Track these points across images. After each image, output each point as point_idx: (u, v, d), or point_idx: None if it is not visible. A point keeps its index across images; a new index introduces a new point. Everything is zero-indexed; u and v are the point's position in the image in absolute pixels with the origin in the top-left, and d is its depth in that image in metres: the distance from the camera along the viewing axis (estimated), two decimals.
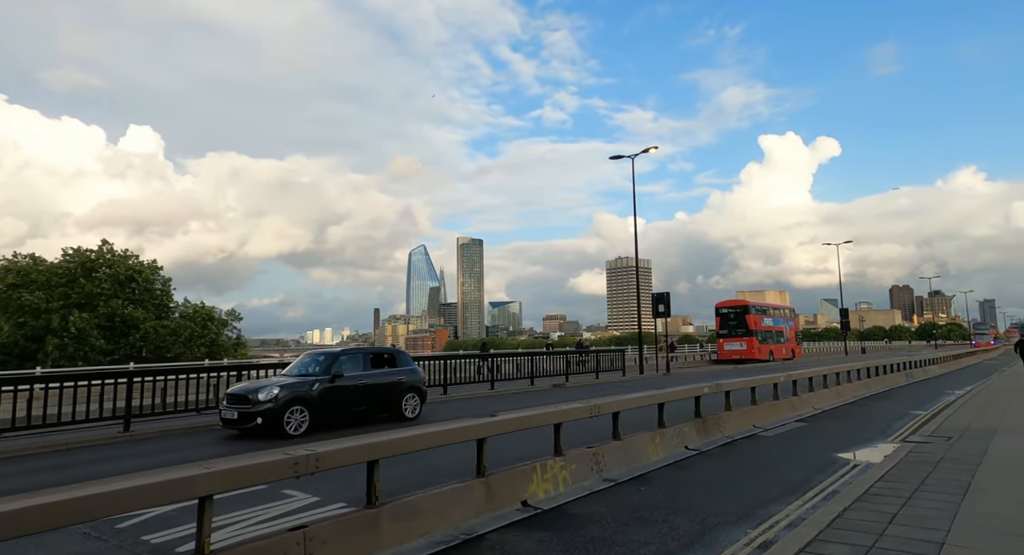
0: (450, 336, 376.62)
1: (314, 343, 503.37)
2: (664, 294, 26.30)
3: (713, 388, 9.89)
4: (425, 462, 7.49)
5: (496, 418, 5.77)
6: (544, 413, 6.31)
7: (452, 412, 13.48)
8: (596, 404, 7.13)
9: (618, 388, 19.65)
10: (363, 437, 4.65)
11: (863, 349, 66.41)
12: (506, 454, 7.68)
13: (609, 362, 24.45)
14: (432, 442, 5.10)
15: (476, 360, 18.94)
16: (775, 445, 9.46)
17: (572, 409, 6.73)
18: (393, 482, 6.57)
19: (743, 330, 38.74)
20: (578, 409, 6.85)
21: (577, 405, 6.93)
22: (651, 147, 26.32)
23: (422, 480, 6.39)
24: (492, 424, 5.60)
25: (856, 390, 16.84)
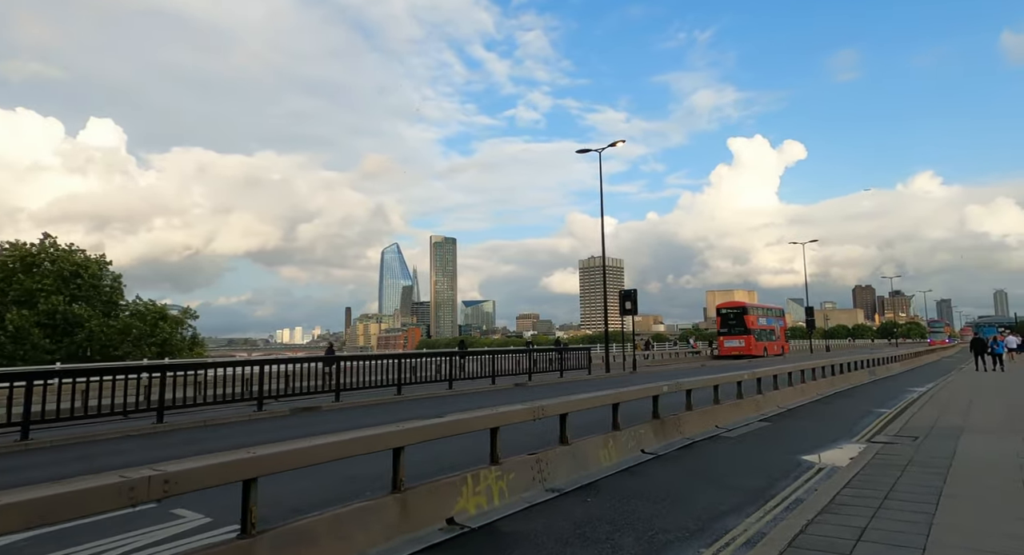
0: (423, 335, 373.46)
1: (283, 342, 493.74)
2: (631, 291, 25.84)
3: (673, 387, 9.29)
4: (351, 472, 6.66)
5: (415, 424, 5.00)
6: (475, 417, 5.56)
7: (397, 413, 12.64)
8: (541, 406, 6.42)
9: (581, 387, 19.06)
10: (237, 452, 3.82)
11: (827, 347, 67.52)
12: (439, 462, 6.95)
13: (575, 360, 23.87)
14: (332, 454, 4.30)
15: (436, 358, 18.10)
16: (737, 447, 8.91)
17: (511, 412, 5.99)
18: (302, 497, 5.77)
19: (741, 329, 42.19)
20: (518, 411, 6.12)
21: (518, 407, 6.20)
22: (618, 141, 25.86)
23: (341, 494, 5.59)
24: (409, 431, 4.83)
25: (821, 388, 16.56)
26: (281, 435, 9.95)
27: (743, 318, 42.84)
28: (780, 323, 50.22)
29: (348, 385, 14.81)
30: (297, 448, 4.06)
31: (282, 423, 11.93)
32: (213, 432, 10.96)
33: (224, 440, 9.68)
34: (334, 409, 13.77)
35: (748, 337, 42.21)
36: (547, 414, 6.50)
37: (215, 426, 11.66)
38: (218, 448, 6.53)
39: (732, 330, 42.92)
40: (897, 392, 17.51)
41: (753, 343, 42.16)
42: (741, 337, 42.31)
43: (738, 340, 42.35)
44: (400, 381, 16.07)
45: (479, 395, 16.88)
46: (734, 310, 44.47)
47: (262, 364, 12.97)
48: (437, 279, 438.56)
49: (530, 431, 7.63)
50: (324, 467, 4.82)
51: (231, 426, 11.67)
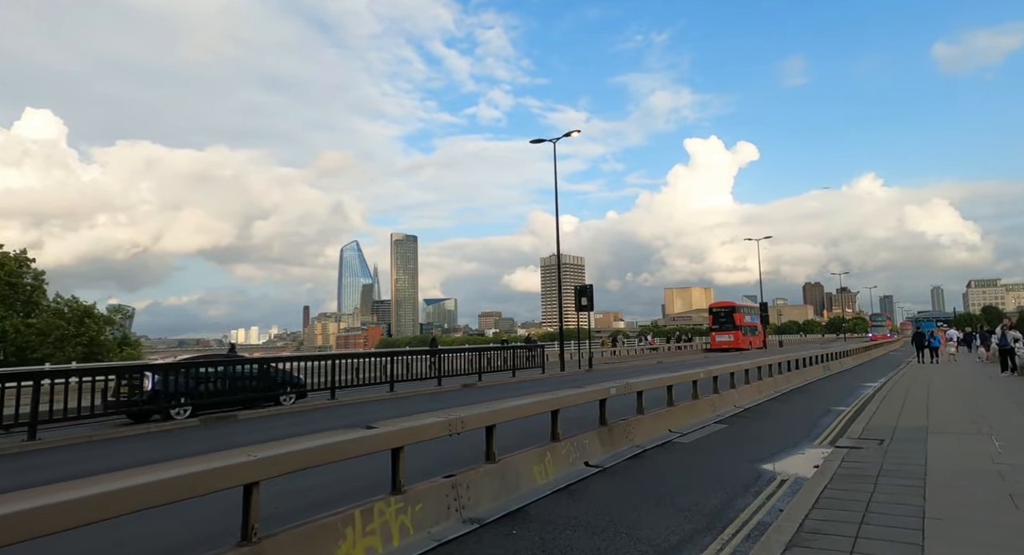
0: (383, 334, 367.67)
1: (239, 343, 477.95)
2: (587, 287, 25.04)
3: (622, 389, 8.34)
4: (187, 518, 5.29)
5: (278, 450, 3.80)
6: (367, 437, 4.39)
7: (313, 424, 11.31)
8: (460, 417, 5.30)
9: (532, 387, 18.09)
10: None
11: (780, 342, 68.92)
12: (324, 493, 5.79)
13: (529, 359, 22.90)
14: (142, 501, 3.06)
15: (376, 359, 16.75)
16: (691, 455, 8.02)
17: (419, 427, 4.86)
18: None
19: (731, 325, 47.55)
20: (429, 426, 4.99)
21: (429, 420, 5.07)
22: (573, 131, 25.02)
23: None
24: (267, 462, 3.63)
25: (778, 384, 16.04)
26: (135, 459, 8.52)
27: (732, 316, 48.12)
28: (759, 319, 55.03)
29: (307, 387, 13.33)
30: (81, 497, 2.79)
31: (162, 441, 10.29)
32: (87, 451, 9.38)
33: (90, 463, 8.22)
34: (251, 419, 12.31)
35: (736, 332, 47.25)
36: (468, 427, 5.40)
37: (101, 441, 10.10)
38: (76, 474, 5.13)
39: (723, 326, 47.90)
40: (852, 388, 17.20)
41: (741, 338, 47.21)
42: (730, 332, 47.22)
43: (728, 335, 47.19)
44: (334, 385, 14.70)
45: (422, 397, 15.68)
46: (724, 309, 49.67)
47: (166, 369, 11.39)
48: (398, 277, 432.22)
49: (458, 446, 6.53)
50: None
51: (111, 443, 10.05)
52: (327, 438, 4.12)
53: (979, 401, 12.13)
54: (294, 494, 5.92)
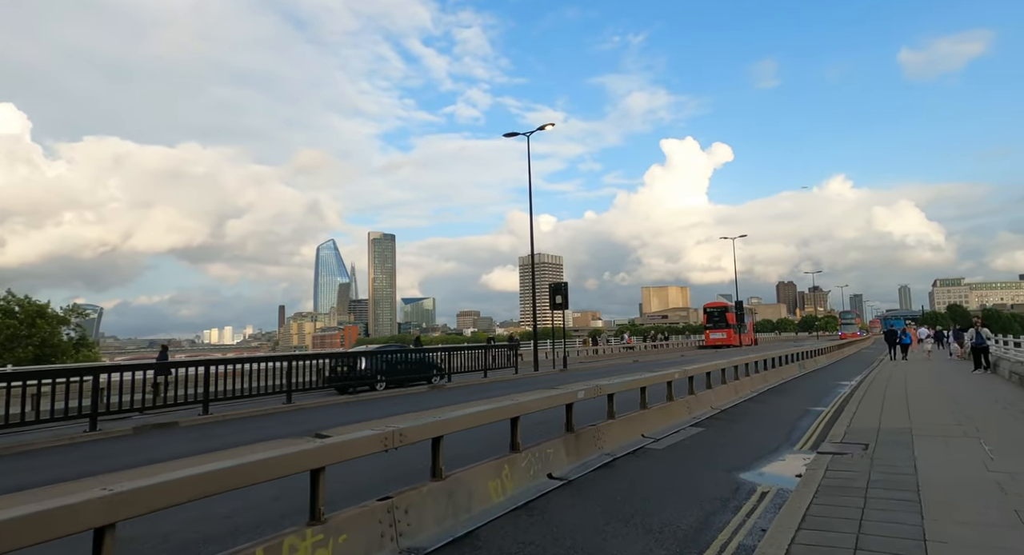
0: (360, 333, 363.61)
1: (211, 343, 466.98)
2: (562, 284, 24.43)
3: (591, 392, 7.67)
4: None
5: (138, 481, 3.01)
6: (271, 459, 3.62)
7: (245, 435, 10.45)
8: (398, 429, 4.56)
9: (505, 388, 17.38)
10: None
11: (755, 340, 69.37)
12: (227, 524, 5.02)
13: (501, 358, 22.19)
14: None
15: (335, 360, 15.86)
16: (665, 464, 7.40)
17: (341, 444, 4.09)
18: None
19: (724, 324, 50.61)
20: (358, 441, 4.23)
21: (359, 435, 4.31)
22: (547, 124, 24.35)
23: None
24: (120, 498, 2.84)
25: (755, 384, 15.62)
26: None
27: (725, 315, 51.33)
28: (750, 319, 59.13)
29: (221, 395, 12.38)
30: None
31: (97, 450, 9.44)
32: None
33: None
34: (195, 425, 11.35)
35: (729, 330, 50.36)
36: (409, 440, 4.65)
37: None
38: None
39: (716, 325, 51.03)
40: (829, 387, 16.88)
41: (733, 335, 50.37)
42: (723, 330, 50.36)
43: (721, 333, 50.31)
44: (289, 388, 13.79)
45: (383, 401, 14.86)
46: (718, 309, 53.22)
47: (95, 372, 10.36)
48: (376, 276, 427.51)
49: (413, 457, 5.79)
50: None
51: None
52: (210, 464, 3.33)
53: (959, 401, 11.80)
54: (207, 522, 5.12)
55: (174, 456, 5.31)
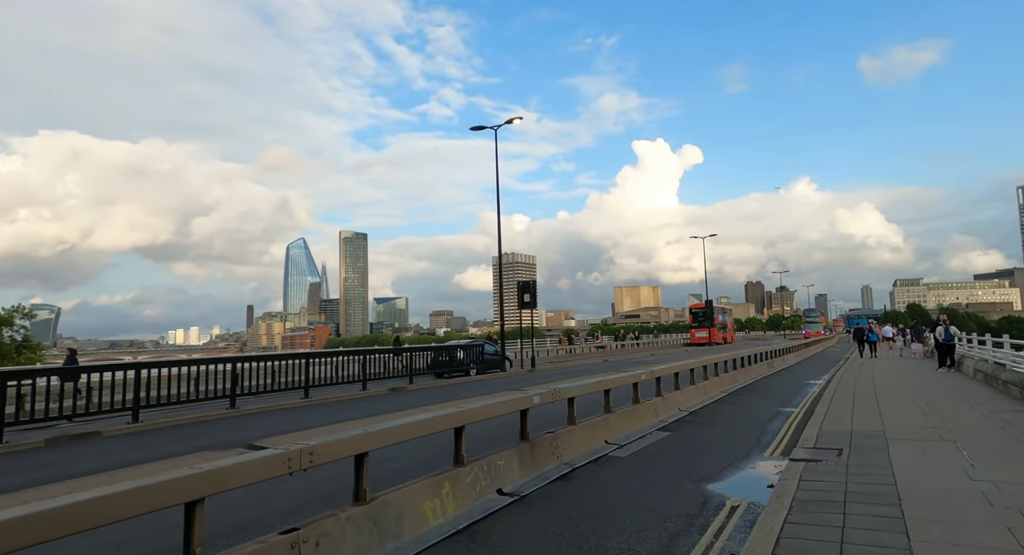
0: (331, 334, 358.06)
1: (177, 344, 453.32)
2: (530, 283, 23.83)
3: (548, 396, 7.03)
4: None
5: None
6: (130, 490, 2.85)
7: (160, 448, 9.53)
8: (307, 447, 3.82)
9: (470, 389, 16.66)
10: None
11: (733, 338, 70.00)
12: None
13: (467, 359, 21.44)
14: None
15: (287, 361, 14.92)
16: (627, 475, 6.81)
17: (229, 468, 3.34)
18: None
19: (708, 323, 54.66)
20: (249, 465, 3.48)
21: (255, 456, 3.56)
22: (515, 118, 23.73)
23: None
24: None
25: (724, 384, 15.25)
26: None
27: (709, 315, 55.75)
28: (729, 319, 65.02)
29: (155, 401, 11.37)
30: None
31: None
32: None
33: None
34: (120, 435, 10.34)
35: (712, 329, 54.46)
36: (321, 460, 3.92)
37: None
38: None
39: (700, 324, 55.18)
40: (799, 386, 16.65)
41: (715, 333, 54.69)
42: (707, 329, 54.39)
43: (705, 332, 54.35)
44: (234, 392, 12.83)
45: (340, 405, 14.00)
46: (702, 310, 57.29)
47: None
48: (347, 276, 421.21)
49: (326, 478, 5.06)
50: None
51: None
52: (63, 499, 2.55)
53: (930, 401, 11.56)
54: None
55: (72, 475, 4.48)
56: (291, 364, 14.65)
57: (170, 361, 11.67)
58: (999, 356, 14.59)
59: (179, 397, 11.77)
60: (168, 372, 11.42)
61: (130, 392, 10.87)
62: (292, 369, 14.75)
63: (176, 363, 11.57)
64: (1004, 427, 8.49)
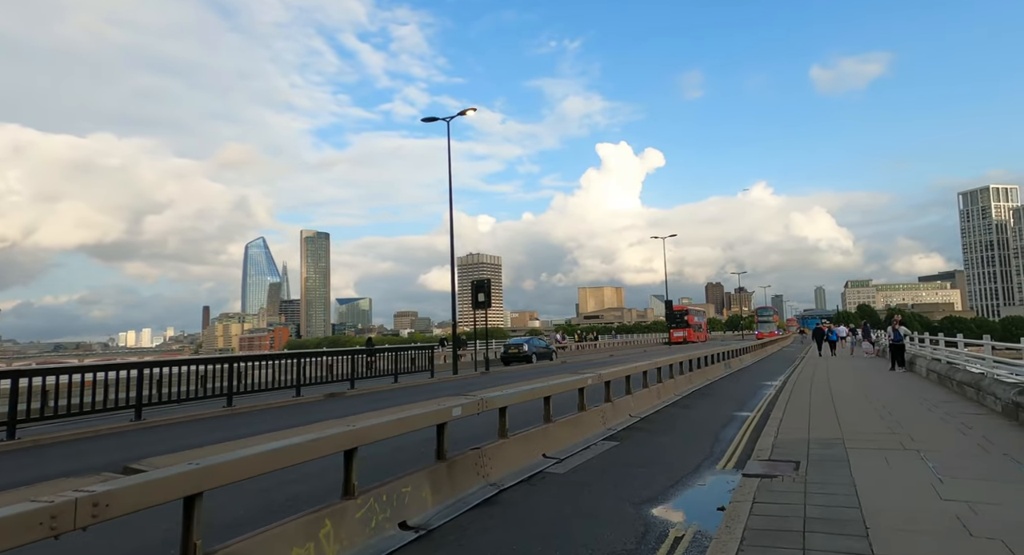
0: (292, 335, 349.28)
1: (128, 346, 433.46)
2: (484, 282, 22.89)
3: (472, 407, 6.09)
4: None
5: None
6: None
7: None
8: (89, 495, 2.76)
9: (416, 394, 15.58)
10: None
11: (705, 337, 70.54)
12: None
13: (417, 361, 20.35)
14: None
15: (206, 366, 13.56)
16: (563, 496, 5.93)
17: None
18: None
19: (685, 324, 61.01)
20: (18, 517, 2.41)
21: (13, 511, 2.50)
22: (468, 109, 22.77)
23: None
24: None
25: (679, 386, 14.64)
26: None
27: (685, 318, 62.03)
28: (704, 319, 72.74)
29: (37, 414, 9.92)
30: None
31: None
32: None
33: None
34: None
35: (688, 330, 60.47)
36: (111, 514, 2.86)
37: None
38: None
39: (679, 325, 61.01)
40: (755, 388, 16.20)
41: (692, 333, 60.66)
42: (684, 330, 60.19)
43: (682, 331, 60.02)
44: (140, 401, 11.44)
45: (268, 413, 12.75)
46: (680, 312, 63.68)
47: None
48: (309, 276, 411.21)
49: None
50: None
51: None
52: None
53: (887, 403, 11.13)
54: None
55: None
56: (214, 369, 13.30)
57: (56, 368, 10.20)
58: (952, 356, 14.41)
59: (69, 409, 10.33)
60: (56, 381, 9.97)
61: (4, 404, 9.42)
62: (216, 374, 13.41)
63: (63, 370, 10.12)
64: (965, 432, 8.00)
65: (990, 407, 9.93)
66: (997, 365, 11.42)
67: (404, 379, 19.37)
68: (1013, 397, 8.82)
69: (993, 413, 9.50)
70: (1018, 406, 8.58)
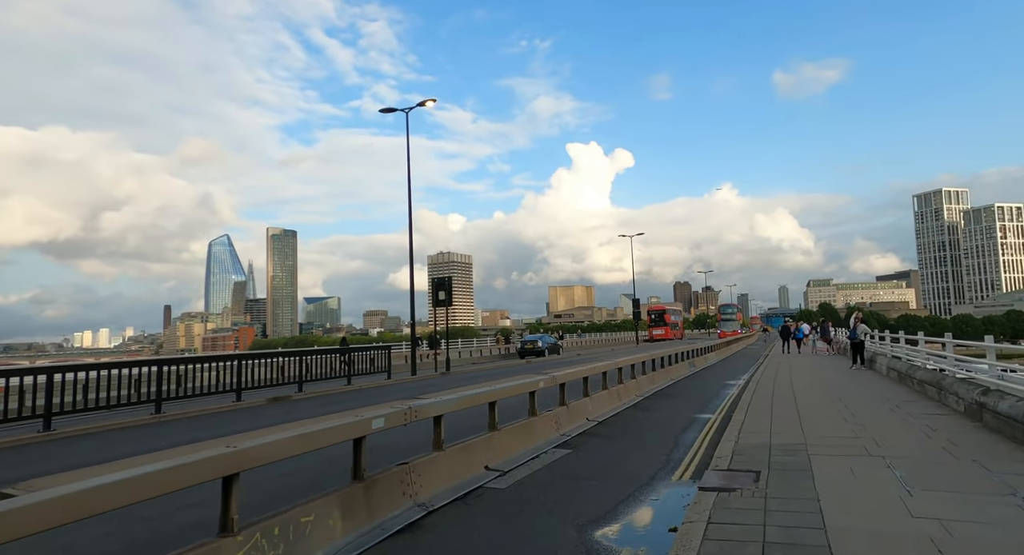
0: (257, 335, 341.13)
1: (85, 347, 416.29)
2: (445, 279, 22.09)
3: (398, 417, 5.36)
4: None
5: None
6: None
7: None
8: None
9: (370, 397, 14.75)
10: None
11: (638, 340, 70.79)
12: None
13: (373, 362, 19.46)
14: None
15: (133, 370, 12.46)
16: (499, 517, 5.27)
17: None
18: None
19: (662, 323, 65.00)
20: None
21: None
22: (427, 100, 21.92)
23: None
24: None
25: (641, 387, 14.18)
26: None
27: (663, 316, 66.07)
28: (680, 318, 77.45)
29: None
30: None
31: None
32: None
33: None
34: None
35: (667, 328, 63.97)
36: None
37: None
38: None
39: (657, 324, 65.05)
40: (718, 388, 15.86)
41: (670, 331, 64.15)
42: (663, 328, 63.91)
43: (661, 330, 63.66)
44: (49, 411, 10.34)
45: (200, 421, 11.75)
46: (658, 312, 68.09)
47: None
48: (275, 274, 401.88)
49: None
50: None
51: None
52: None
53: (849, 404, 10.82)
54: None
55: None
56: (139, 373, 12.21)
57: None
58: (913, 354, 14.31)
59: None
60: None
61: None
62: (144, 379, 12.32)
63: None
64: (929, 435, 7.65)
65: (952, 407, 9.68)
66: (959, 363, 11.23)
67: (359, 381, 18.48)
68: (976, 397, 8.55)
69: (956, 413, 9.24)
70: (981, 406, 8.30)
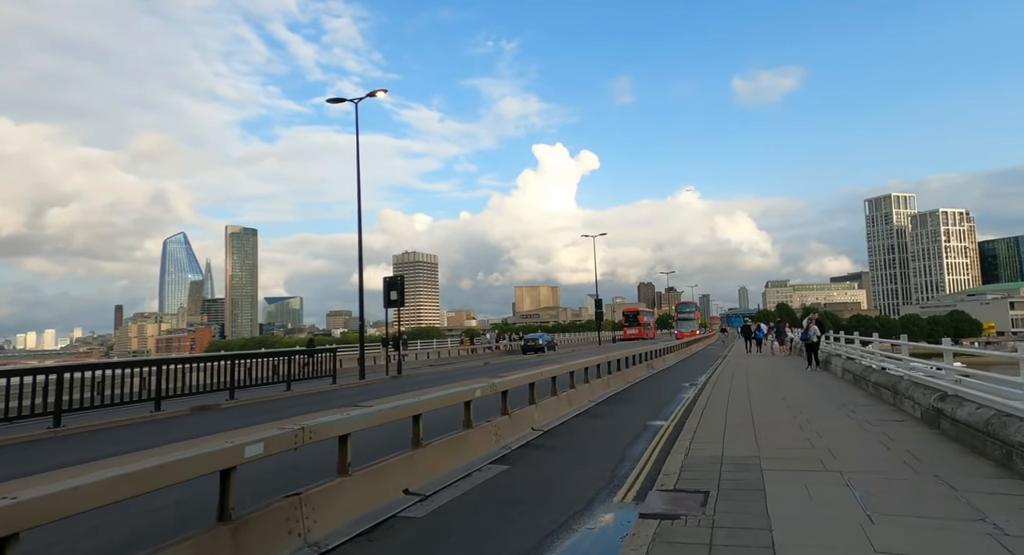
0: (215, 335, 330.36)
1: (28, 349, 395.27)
2: (396, 278, 21.10)
3: (288, 440, 4.48)
4: None
5: None
6: None
7: None
8: None
9: (310, 404, 13.69)
10: None
11: (614, 338, 71.09)
12: None
13: (318, 365, 18.33)
14: None
15: (30, 377, 11.14)
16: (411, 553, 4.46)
17: None
18: None
19: (636, 323, 68.37)
20: None
21: None
22: (378, 90, 20.90)
23: None
24: None
25: (595, 391, 13.56)
26: None
27: (637, 317, 69.82)
28: (653, 319, 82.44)
29: None
30: None
31: None
32: None
33: None
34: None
35: (640, 327, 67.23)
36: None
37: None
38: None
39: (631, 324, 68.46)
40: (674, 391, 15.39)
41: (643, 331, 66.94)
42: (637, 327, 66.94)
43: (635, 329, 66.42)
44: None
45: (107, 434, 10.54)
46: (632, 312, 72.45)
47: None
48: (234, 273, 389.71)
49: None
50: None
51: None
52: None
53: (804, 409, 10.39)
54: None
55: None
56: (33, 381, 10.92)
57: None
58: (868, 356, 14.11)
59: None
60: None
61: None
62: (39, 388, 11.03)
63: None
64: (888, 445, 7.19)
65: (908, 412, 9.34)
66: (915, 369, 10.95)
67: (301, 386, 17.35)
68: (933, 403, 8.17)
69: (912, 419, 8.87)
70: (939, 413, 7.92)
